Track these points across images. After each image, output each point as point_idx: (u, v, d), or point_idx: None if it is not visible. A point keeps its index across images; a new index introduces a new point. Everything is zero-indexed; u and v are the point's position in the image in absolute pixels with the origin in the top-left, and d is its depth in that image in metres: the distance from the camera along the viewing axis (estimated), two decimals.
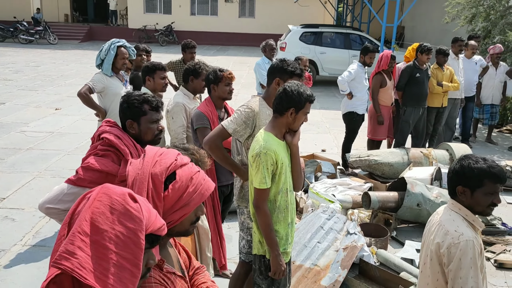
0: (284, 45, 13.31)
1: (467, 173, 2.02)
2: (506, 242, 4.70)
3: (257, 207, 2.55)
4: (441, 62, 6.66)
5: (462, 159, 2.09)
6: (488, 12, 9.04)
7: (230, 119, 2.92)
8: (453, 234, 1.99)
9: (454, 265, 1.96)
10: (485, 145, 8.25)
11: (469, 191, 2.04)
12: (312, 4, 23.17)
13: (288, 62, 2.93)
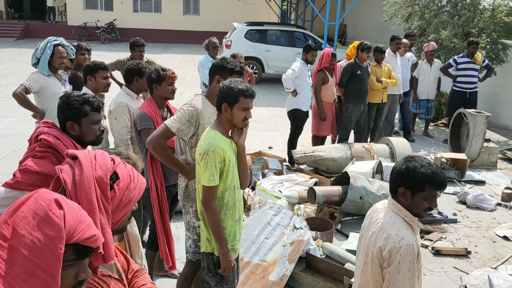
0: (229, 43, 13.31)
1: (412, 176, 2.05)
2: (442, 230, 4.98)
3: (206, 204, 2.56)
4: (379, 60, 6.92)
5: (408, 161, 2.11)
6: (423, 11, 9.47)
7: (174, 118, 2.90)
8: (394, 238, 2.03)
9: (393, 268, 2.02)
10: (423, 138, 8.66)
11: (409, 193, 2.07)
12: (256, 2, 23.33)
13: (228, 60, 2.96)
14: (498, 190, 6.09)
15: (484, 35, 8.79)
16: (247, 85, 2.55)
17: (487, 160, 7.06)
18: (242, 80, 2.62)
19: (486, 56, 8.68)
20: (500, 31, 8.88)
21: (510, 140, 8.73)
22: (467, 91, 8.05)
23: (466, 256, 4.46)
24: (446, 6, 9.41)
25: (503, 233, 4.92)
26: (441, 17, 9.12)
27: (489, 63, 8.29)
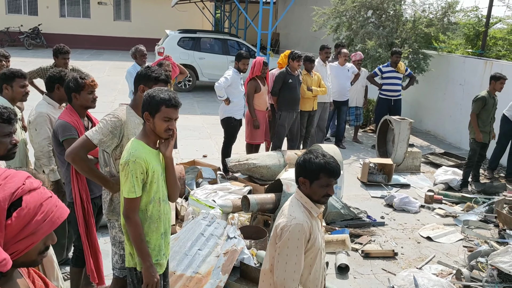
0: (162, 50, 13.09)
1: (308, 166, 2.27)
2: (371, 233, 5.15)
3: (127, 217, 2.46)
4: (309, 68, 7.09)
5: (306, 154, 2.33)
6: (350, 22, 9.85)
7: (95, 129, 2.77)
8: (288, 217, 2.24)
9: (282, 243, 2.21)
10: (352, 144, 8.97)
11: (308, 182, 2.28)
12: (190, 9, 23.16)
13: (153, 69, 2.88)
14: (422, 192, 6.41)
15: (406, 45, 9.29)
16: (171, 94, 2.48)
17: (411, 164, 7.43)
18: (168, 89, 2.55)
19: (408, 65, 9.17)
20: (421, 42, 9.43)
21: (432, 144, 9.25)
22: (392, 99, 8.45)
23: (394, 258, 4.64)
24: (371, 17, 9.86)
25: (427, 234, 5.18)
26: (367, 28, 9.53)
27: (411, 72, 8.77)
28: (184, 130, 8.89)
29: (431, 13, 9.51)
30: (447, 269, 4.41)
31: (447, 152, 8.41)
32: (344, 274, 4.29)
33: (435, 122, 10.01)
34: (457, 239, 5.10)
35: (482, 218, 5.56)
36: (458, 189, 6.58)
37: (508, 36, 9.70)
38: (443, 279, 4.11)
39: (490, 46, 9.59)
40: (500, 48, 9.62)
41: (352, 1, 9.56)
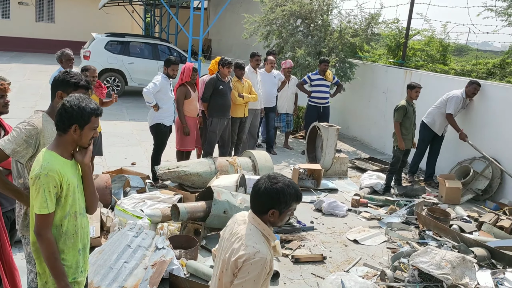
0: (88, 54, 12.58)
1: (282, 198, 2.17)
2: (301, 238, 5.22)
3: (39, 234, 2.28)
4: (239, 75, 7.11)
5: (274, 183, 2.19)
6: (280, 30, 10.03)
7: (8, 138, 2.57)
8: (250, 249, 2.12)
9: (241, 275, 2.12)
10: (283, 150, 9.10)
11: (278, 213, 2.20)
12: (118, 12, 22.50)
13: (72, 74, 2.72)
14: (349, 196, 6.62)
15: (333, 54, 9.61)
16: (95, 102, 2.36)
17: (339, 169, 7.67)
18: (86, 96, 2.41)
19: (336, 73, 9.49)
20: (347, 51, 9.79)
21: (358, 150, 9.62)
22: (321, 106, 8.69)
23: (322, 262, 4.73)
24: (300, 26, 10.09)
25: (353, 237, 5.35)
26: (296, 36, 9.75)
27: (338, 80, 9.08)
28: (112, 137, 8.57)
29: (356, 24, 9.92)
30: (373, 270, 4.57)
31: (372, 157, 8.78)
32: (275, 280, 4.30)
33: (361, 128, 10.43)
34: (381, 241, 5.31)
35: (404, 220, 5.84)
36: (382, 193, 6.88)
37: (425, 47, 10.34)
38: (369, 281, 4.25)
39: (410, 56, 10.15)
40: (419, 58, 10.23)
41: (282, 10, 9.74)
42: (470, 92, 7.12)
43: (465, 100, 7.20)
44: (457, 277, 4.01)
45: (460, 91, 7.17)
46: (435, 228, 5.34)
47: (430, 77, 8.38)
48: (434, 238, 5.20)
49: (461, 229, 5.53)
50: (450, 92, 7.23)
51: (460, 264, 4.11)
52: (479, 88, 7.10)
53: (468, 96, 7.16)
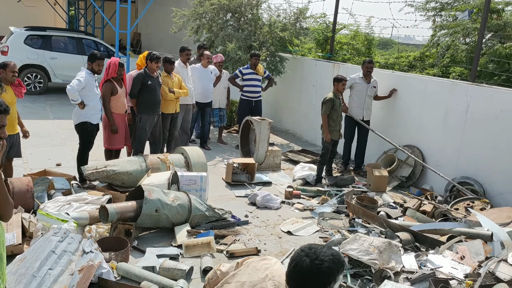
0: (6, 49, 11.79)
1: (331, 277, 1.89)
2: (236, 232, 5.22)
3: None
4: (168, 70, 6.97)
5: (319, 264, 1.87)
6: (210, 24, 9.93)
7: None
8: None
9: None
10: (217, 145, 9.06)
11: None
12: (39, 5, 21.23)
13: None
14: (282, 189, 6.72)
15: (264, 48, 9.68)
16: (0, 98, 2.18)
17: (273, 162, 7.75)
18: None
19: (267, 67, 9.56)
20: (277, 45, 9.89)
21: (291, 142, 9.78)
22: (253, 100, 8.72)
23: (257, 255, 4.75)
24: (230, 20, 10.06)
25: (287, 228, 5.43)
26: (226, 30, 9.71)
27: (270, 74, 9.15)
28: (35, 137, 8.06)
29: (285, 18, 10.05)
30: None
31: (304, 149, 8.97)
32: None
33: (293, 121, 10.61)
34: (314, 231, 5.43)
35: (335, 209, 6.02)
36: (314, 184, 7.05)
37: (351, 41, 10.69)
38: None
39: (337, 50, 10.46)
40: (346, 52, 10.57)
41: (211, 4, 9.65)
42: (364, 71, 7.57)
43: (363, 79, 7.57)
44: (384, 262, 4.19)
45: (356, 74, 7.73)
46: (363, 215, 5.55)
47: (357, 70, 8.66)
48: (363, 225, 5.39)
49: (388, 215, 5.79)
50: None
51: (387, 249, 4.30)
52: (369, 64, 7.56)
53: (364, 75, 7.56)
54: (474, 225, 5.05)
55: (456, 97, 6.68)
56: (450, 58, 9.54)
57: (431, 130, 7.08)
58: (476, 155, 6.40)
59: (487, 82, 7.94)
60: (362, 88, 7.51)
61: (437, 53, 10.05)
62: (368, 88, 7.55)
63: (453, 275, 4.10)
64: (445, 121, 6.86)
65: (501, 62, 8.39)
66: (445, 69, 9.64)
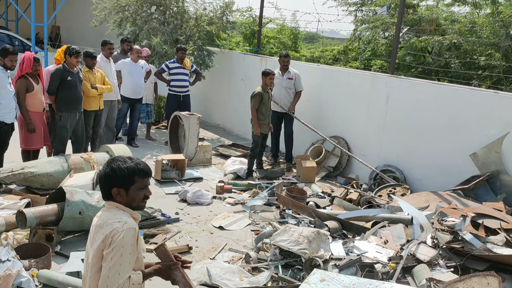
0: None
1: (119, 174, 2.18)
2: (166, 231, 5.11)
3: None
4: (90, 65, 6.66)
5: (110, 163, 2.24)
6: (134, 17, 9.60)
7: None
8: (117, 224, 2.12)
9: (116, 248, 2.08)
10: (146, 142, 8.81)
11: (124, 191, 2.21)
12: None
13: None
14: (213, 184, 6.67)
15: (191, 42, 9.53)
16: None
17: (203, 157, 7.68)
18: None
19: (194, 61, 9.43)
20: (204, 39, 9.78)
21: (222, 137, 9.75)
22: (181, 95, 8.56)
23: (189, 252, 4.69)
24: (155, 13, 9.79)
25: (219, 223, 5.40)
26: (151, 24, 9.45)
27: (197, 68, 9.04)
28: None
29: (212, 12, 9.95)
30: (238, 254, 4.66)
31: (234, 143, 8.97)
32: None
33: (223, 116, 10.58)
34: (245, 225, 5.45)
35: (266, 202, 6.07)
36: (245, 178, 7.07)
37: (278, 35, 10.83)
38: (234, 265, 4.33)
39: (264, 44, 10.55)
40: (273, 45, 10.68)
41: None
42: (281, 65, 7.69)
43: (280, 73, 7.67)
44: (314, 251, 4.29)
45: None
46: (293, 206, 5.65)
47: None
48: (293, 216, 5.49)
49: (317, 205, 5.93)
50: None
51: (316, 238, 4.40)
52: (285, 58, 7.62)
53: (282, 70, 7.68)
54: (396, 211, 5.31)
55: (377, 89, 6.98)
56: (371, 51, 9.96)
57: (355, 121, 7.35)
58: (397, 144, 6.74)
59: (405, 74, 8.39)
60: (278, 81, 7.57)
61: (359, 47, 10.45)
62: (283, 80, 7.62)
63: (378, 259, 4.29)
64: (367, 112, 7.15)
65: (417, 55, 8.89)
66: (367, 62, 10.06)
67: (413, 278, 4.00)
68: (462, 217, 4.77)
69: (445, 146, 6.13)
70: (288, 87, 7.63)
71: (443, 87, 6.31)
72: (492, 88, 7.67)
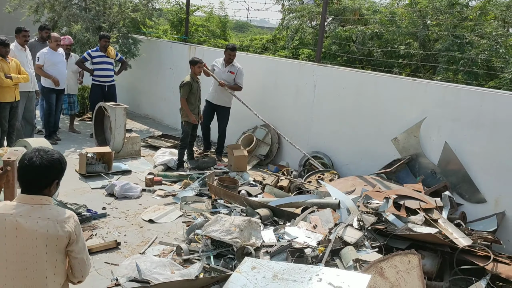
0: None
1: (63, 166, 2.23)
2: (93, 227, 4.90)
3: None
4: (3, 53, 6.18)
5: (51, 154, 2.18)
6: (52, 3, 9.03)
7: None
8: (69, 218, 2.17)
9: (80, 238, 2.21)
10: (69, 134, 8.38)
11: (57, 182, 2.22)
12: None
13: None
14: (143, 176, 6.49)
15: (115, 30, 9.15)
16: None
17: (131, 149, 7.43)
18: None
19: (119, 50, 9.07)
20: (129, 26, 9.43)
21: (151, 128, 9.50)
22: (106, 85, 8.20)
23: (117, 248, 4.52)
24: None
25: (148, 216, 5.26)
26: (71, 10, 8.94)
27: (122, 57, 8.70)
28: None
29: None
30: (169, 247, 4.57)
31: (164, 134, 8.78)
32: None
33: (152, 106, 10.31)
34: (177, 217, 5.36)
35: (197, 192, 6.01)
36: (176, 169, 6.95)
37: (206, 23, 10.69)
38: (165, 258, 4.25)
39: (192, 32, 10.37)
40: (201, 34, 10.54)
41: None
42: (226, 58, 7.41)
43: (223, 64, 7.44)
44: (245, 239, 4.30)
45: (222, 57, 7.52)
46: (225, 196, 5.64)
47: (212, 52, 8.70)
48: (225, 206, 5.48)
49: (248, 194, 5.96)
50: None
51: (247, 226, 4.42)
52: (232, 52, 7.36)
53: (226, 61, 7.42)
54: (325, 196, 5.47)
55: (305, 77, 7.11)
56: (299, 40, 10.13)
57: (284, 109, 7.45)
58: (324, 131, 6.93)
59: (331, 63, 8.62)
60: (218, 71, 7.43)
61: (287, 36, 10.58)
62: (223, 72, 7.43)
63: (308, 243, 4.39)
64: (296, 100, 7.27)
65: (342, 44, 9.17)
66: (295, 51, 10.22)
67: (341, 260, 4.14)
68: (385, 199, 5.00)
69: (368, 131, 6.39)
70: (227, 80, 7.36)
71: (366, 75, 6.56)
72: (411, 76, 8.10)
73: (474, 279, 4.29)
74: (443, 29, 8.05)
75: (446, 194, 5.25)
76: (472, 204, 5.42)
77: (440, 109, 5.65)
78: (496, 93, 5.40)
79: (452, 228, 4.66)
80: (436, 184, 5.63)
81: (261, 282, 3.06)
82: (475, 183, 5.39)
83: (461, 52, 7.57)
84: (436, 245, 4.39)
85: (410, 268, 3.36)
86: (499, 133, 5.17)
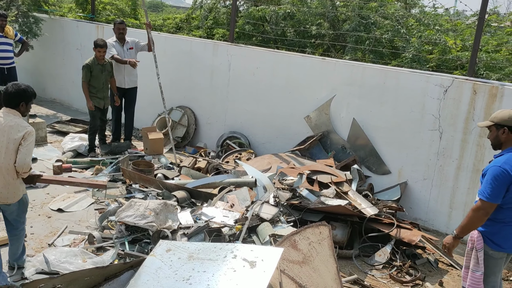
0: None
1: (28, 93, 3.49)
2: None
3: None
4: None
5: (19, 85, 3.48)
6: None
7: None
8: (27, 126, 3.43)
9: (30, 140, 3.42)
10: None
11: (25, 104, 3.49)
12: None
13: None
14: (50, 164, 6.11)
15: (14, 8, 8.42)
16: None
17: (37, 136, 6.94)
18: None
19: (19, 30, 8.39)
20: (29, 4, 8.73)
21: (59, 112, 8.95)
22: (5, 67, 7.59)
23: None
24: None
25: (57, 206, 4.99)
26: None
27: (23, 37, 8.05)
28: None
29: None
30: (80, 236, 4.38)
31: (73, 119, 8.32)
32: None
33: (59, 89, 9.70)
34: (88, 204, 5.13)
35: (111, 178, 5.78)
36: (87, 154, 6.63)
37: (114, 1, 10.18)
38: (76, 248, 4.06)
39: (100, 10, 9.83)
40: (109, 12, 10.02)
41: None
42: (116, 34, 6.96)
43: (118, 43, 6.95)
44: (161, 222, 4.23)
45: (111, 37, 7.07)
46: (140, 180, 5.48)
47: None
48: (141, 190, 5.33)
49: (165, 177, 5.85)
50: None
51: (163, 209, 4.34)
52: (120, 25, 6.94)
53: (118, 39, 6.95)
54: (242, 175, 5.51)
55: (219, 57, 7.06)
56: (213, 20, 10.00)
57: (200, 90, 7.36)
58: (240, 110, 6.95)
59: (246, 43, 8.63)
60: (120, 53, 6.90)
61: (201, 16, 10.41)
62: (124, 53, 6.96)
63: (225, 222, 4.41)
64: (211, 80, 7.21)
65: (257, 24, 9.20)
66: (210, 31, 10.09)
67: (257, 236, 4.22)
68: (299, 175, 5.16)
69: (283, 110, 6.52)
70: (132, 58, 7.02)
71: (280, 55, 6.65)
72: (323, 55, 8.35)
73: (381, 245, 4.59)
74: (350, 10, 8.36)
75: (355, 168, 5.53)
76: (378, 176, 5.76)
77: (348, 87, 5.90)
78: (398, 70, 5.73)
79: (360, 199, 4.93)
80: (346, 159, 5.90)
81: (176, 264, 3.02)
82: (381, 156, 5.72)
83: (367, 32, 7.93)
84: (346, 215, 4.62)
85: (321, 239, 3.50)
86: (400, 109, 5.51)
